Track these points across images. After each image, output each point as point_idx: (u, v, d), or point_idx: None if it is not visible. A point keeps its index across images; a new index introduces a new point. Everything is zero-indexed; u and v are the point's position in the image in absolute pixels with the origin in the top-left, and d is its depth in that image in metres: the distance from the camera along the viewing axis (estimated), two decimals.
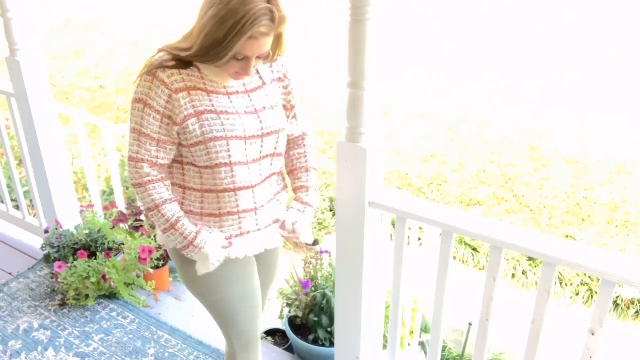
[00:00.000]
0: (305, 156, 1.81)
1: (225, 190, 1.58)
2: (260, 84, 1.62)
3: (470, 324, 3.59)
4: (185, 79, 1.50)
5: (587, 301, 5.16)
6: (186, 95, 1.49)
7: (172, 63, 1.50)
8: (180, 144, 1.56)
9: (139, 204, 1.59)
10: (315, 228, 5.52)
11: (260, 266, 1.84)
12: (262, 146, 1.60)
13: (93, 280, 2.63)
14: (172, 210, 1.57)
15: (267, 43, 1.47)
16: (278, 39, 1.52)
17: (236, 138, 1.53)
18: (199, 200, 1.60)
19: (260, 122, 1.58)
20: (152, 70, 1.50)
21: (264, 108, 1.60)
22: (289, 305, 2.63)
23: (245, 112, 1.56)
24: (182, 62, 1.50)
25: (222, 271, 1.67)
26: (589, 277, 5.18)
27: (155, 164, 1.55)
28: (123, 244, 2.80)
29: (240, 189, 1.59)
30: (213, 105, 1.52)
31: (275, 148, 1.65)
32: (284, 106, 1.69)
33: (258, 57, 1.49)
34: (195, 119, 1.50)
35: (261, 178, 1.64)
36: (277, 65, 1.66)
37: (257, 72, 1.62)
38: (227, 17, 1.40)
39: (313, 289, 2.57)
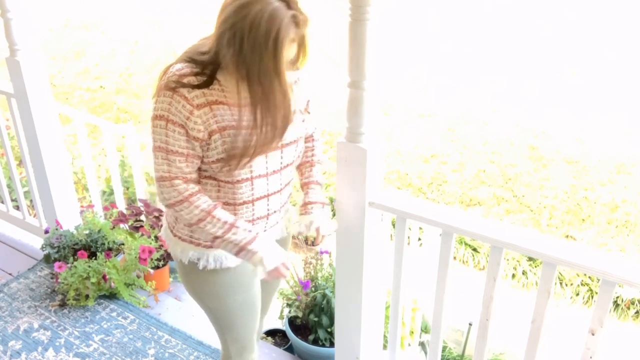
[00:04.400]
0: (313, 150, 1.79)
1: (243, 203, 1.56)
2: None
3: (470, 324, 3.59)
4: (206, 92, 1.44)
5: (587, 301, 5.15)
6: (208, 110, 1.44)
7: (191, 77, 1.44)
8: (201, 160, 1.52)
9: (184, 218, 1.51)
10: None
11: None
12: (282, 157, 1.58)
13: (93, 280, 2.63)
14: (224, 213, 1.52)
15: (294, 48, 1.45)
16: (302, 42, 1.47)
17: (258, 154, 1.50)
18: None
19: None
20: (171, 85, 1.43)
21: None
22: (289, 305, 2.63)
23: None
24: (202, 75, 1.44)
25: (223, 279, 1.67)
26: (589, 277, 5.17)
27: (188, 180, 1.50)
28: (123, 244, 2.80)
29: (258, 199, 1.58)
30: (234, 120, 1.47)
31: (294, 156, 1.63)
32: (301, 110, 1.64)
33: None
34: (218, 134, 1.45)
35: (281, 186, 1.63)
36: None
37: None
38: (266, 38, 1.35)
39: (313, 289, 2.57)
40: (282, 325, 2.73)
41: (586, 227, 6.09)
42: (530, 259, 5.37)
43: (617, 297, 5.00)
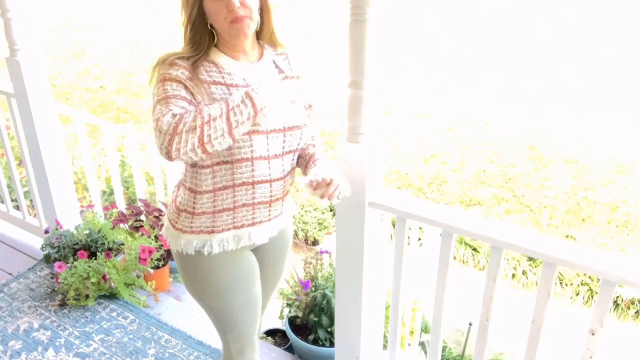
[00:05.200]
0: (312, 139, 1.73)
1: (243, 184, 1.55)
2: (280, 78, 1.61)
3: (470, 324, 3.59)
4: (204, 73, 1.49)
5: (587, 301, 5.16)
6: (207, 87, 1.48)
7: (187, 56, 1.49)
8: None
9: (190, 135, 1.32)
10: (315, 228, 5.52)
11: (265, 269, 1.83)
12: (284, 141, 1.58)
13: (93, 280, 2.63)
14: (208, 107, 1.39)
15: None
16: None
17: (257, 132, 1.51)
18: (212, 200, 1.57)
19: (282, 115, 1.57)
20: (170, 59, 1.47)
21: None
22: (289, 305, 2.63)
23: None
24: (194, 57, 1.49)
25: (224, 278, 1.67)
26: (589, 277, 5.18)
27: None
28: (123, 244, 2.80)
29: (259, 182, 1.57)
30: None
31: (299, 144, 1.63)
32: (303, 105, 1.66)
33: None
34: None
35: (283, 173, 1.61)
36: (295, 64, 1.66)
37: (275, 65, 1.61)
38: None
39: (313, 289, 2.57)
40: (282, 325, 2.73)
41: (586, 227, 6.09)
42: (530, 259, 5.37)
43: (617, 297, 5.01)
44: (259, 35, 1.58)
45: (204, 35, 1.49)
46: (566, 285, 5.24)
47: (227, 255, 1.66)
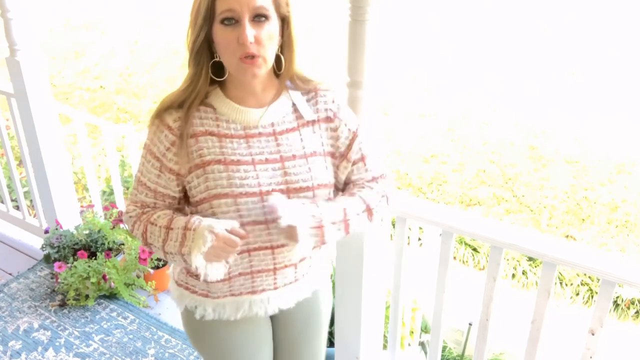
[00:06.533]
0: (362, 188, 1.42)
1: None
2: (295, 126, 1.33)
3: (470, 324, 3.59)
4: (197, 121, 1.29)
5: (587, 301, 5.15)
6: (194, 142, 1.29)
7: (181, 100, 1.30)
8: (188, 201, 1.37)
9: (141, 240, 1.40)
10: None
11: (290, 346, 1.60)
12: None
13: (93, 280, 2.63)
14: (165, 217, 1.34)
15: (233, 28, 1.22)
16: (283, 22, 1.29)
17: (247, 195, 1.27)
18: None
19: (285, 173, 1.30)
20: (160, 113, 1.30)
21: (294, 156, 1.31)
22: None
23: (267, 159, 1.29)
24: (189, 99, 1.29)
25: (226, 340, 1.48)
26: (589, 277, 5.17)
27: (146, 208, 1.39)
28: (123, 244, 2.80)
29: (256, 250, 1.33)
30: (222, 154, 1.28)
31: None
32: (332, 154, 1.37)
33: (256, 22, 1.22)
34: (201, 170, 1.28)
35: None
36: (323, 102, 1.37)
37: (295, 109, 1.35)
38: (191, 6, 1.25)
39: None
40: None
41: (586, 227, 6.09)
42: (530, 259, 5.36)
43: (617, 297, 5.00)
44: (277, 73, 1.34)
45: (205, 67, 1.27)
46: (566, 285, 5.24)
47: (224, 322, 1.45)
